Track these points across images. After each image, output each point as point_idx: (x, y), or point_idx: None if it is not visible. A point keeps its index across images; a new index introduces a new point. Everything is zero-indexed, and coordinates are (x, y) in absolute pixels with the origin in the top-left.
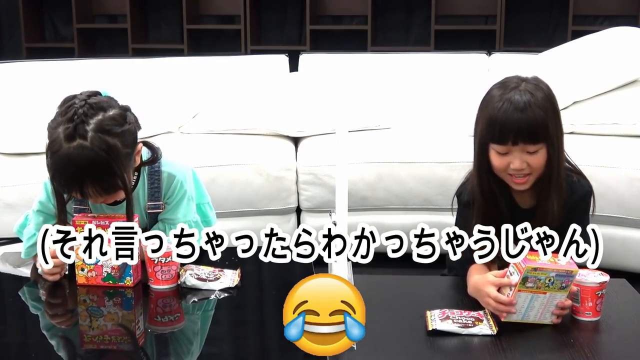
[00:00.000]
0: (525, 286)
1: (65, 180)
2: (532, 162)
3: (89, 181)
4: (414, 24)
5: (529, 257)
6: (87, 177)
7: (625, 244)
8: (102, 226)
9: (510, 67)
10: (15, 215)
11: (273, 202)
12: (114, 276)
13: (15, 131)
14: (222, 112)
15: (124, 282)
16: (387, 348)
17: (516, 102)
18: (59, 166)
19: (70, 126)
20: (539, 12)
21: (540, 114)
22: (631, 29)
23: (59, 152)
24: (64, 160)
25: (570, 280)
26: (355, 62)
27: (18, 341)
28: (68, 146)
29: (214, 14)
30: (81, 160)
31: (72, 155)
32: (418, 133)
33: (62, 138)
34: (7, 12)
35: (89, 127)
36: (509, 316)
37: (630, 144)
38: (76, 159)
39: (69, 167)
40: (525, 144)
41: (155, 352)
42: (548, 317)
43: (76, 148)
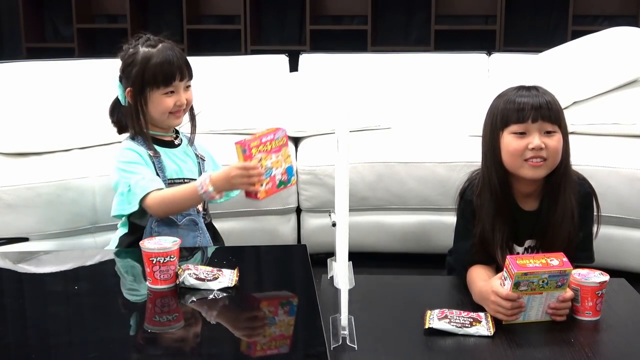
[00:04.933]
0: (519, 290)
1: (171, 63)
2: (550, 144)
3: (184, 63)
4: (414, 24)
5: (519, 262)
6: (182, 59)
7: (625, 244)
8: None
9: (510, 67)
10: (15, 215)
11: (273, 202)
12: (283, 181)
13: (15, 131)
14: (222, 112)
15: (290, 182)
16: (386, 347)
17: (531, 90)
18: (162, 54)
19: (150, 39)
20: (539, 12)
21: (555, 102)
22: (631, 29)
23: (154, 54)
24: (163, 52)
25: (566, 279)
26: (355, 62)
27: (16, 341)
28: (158, 47)
29: (214, 14)
30: (176, 50)
31: (167, 48)
32: (418, 133)
33: (148, 48)
34: (7, 12)
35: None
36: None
37: (630, 144)
38: (171, 50)
39: (169, 52)
40: (544, 121)
41: (153, 353)
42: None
43: (165, 45)
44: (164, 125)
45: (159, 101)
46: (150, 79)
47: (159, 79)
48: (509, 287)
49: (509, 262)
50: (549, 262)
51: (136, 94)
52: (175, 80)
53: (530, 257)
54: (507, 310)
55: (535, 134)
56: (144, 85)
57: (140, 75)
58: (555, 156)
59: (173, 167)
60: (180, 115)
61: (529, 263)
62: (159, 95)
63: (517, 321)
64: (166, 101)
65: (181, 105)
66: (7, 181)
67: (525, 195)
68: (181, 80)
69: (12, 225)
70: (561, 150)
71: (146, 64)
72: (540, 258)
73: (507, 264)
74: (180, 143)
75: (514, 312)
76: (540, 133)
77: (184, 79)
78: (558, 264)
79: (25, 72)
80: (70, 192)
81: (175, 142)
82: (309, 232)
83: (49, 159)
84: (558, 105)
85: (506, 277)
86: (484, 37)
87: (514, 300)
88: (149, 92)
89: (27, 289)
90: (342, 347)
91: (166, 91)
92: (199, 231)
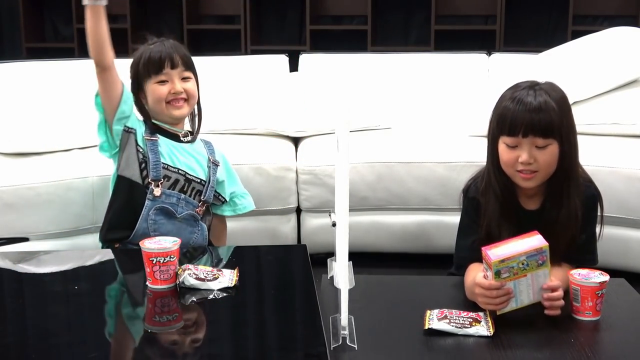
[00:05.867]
0: (502, 278)
1: (160, 52)
2: (540, 158)
3: (177, 54)
4: (414, 24)
5: (494, 251)
6: (176, 50)
7: (625, 244)
8: None
9: (510, 67)
10: (15, 215)
11: (273, 202)
12: None
13: (15, 131)
14: (222, 112)
15: None
16: (385, 347)
17: (529, 98)
18: (155, 47)
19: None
20: (539, 12)
21: (553, 110)
22: (631, 29)
23: (148, 49)
24: (157, 46)
25: (545, 255)
26: (355, 62)
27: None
28: (155, 44)
29: (214, 14)
30: (170, 42)
31: (162, 42)
32: (418, 133)
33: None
34: (7, 12)
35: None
36: (505, 307)
37: (630, 144)
38: (167, 42)
39: (164, 45)
40: (535, 137)
41: (153, 353)
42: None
43: (162, 41)
44: (166, 118)
45: (153, 90)
46: (143, 70)
47: (150, 69)
48: (491, 277)
49: (485, 254)
50: (524, 243)
51: (136, 90)
52: (164, 67)
53: (504, 243)
54: (495, 299)
55: (525, 149)
56: (140, 78)
57: (136, 70)
58: (547, 168)
59: (169, 154)
60: (181, 106)
61: (504, 250)
62: (153, 84)
63: (511, 308)
64: (160, 89)
65: (177, 93)
66: (7, 181)
67: (528, 195)
68: (172, 68)
69: (12, 225)
70: (556, 159)
71: (140, 59)
72: (513, 241)
73: (484, 255)
74: (189, 142)
75: (502, 300)
76: (531, 147)
77: (175, 68)
78: (533, 243)
79: (25, 72)
80: (70, 192)
81: (182, 138)
82: (309, 232)
83: (49, 159)
84: (556, 111)
85: (487, 269)
86: (484, 37)
87: (498, 288)
88: (145, 84)
89: (27, 289)
90: (342, 347)
91: (158, 79)
92: (197, 227)
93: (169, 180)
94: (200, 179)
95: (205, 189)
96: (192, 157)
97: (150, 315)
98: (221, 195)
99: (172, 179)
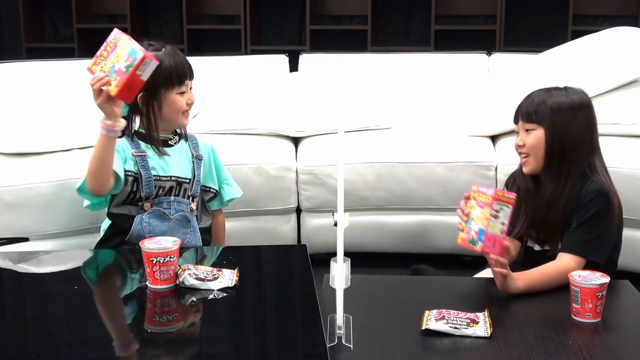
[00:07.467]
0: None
1: (182, 63)
2: (526, 141)
3: (190, 66)
4: (414, 24)
5: (476, 197)
6: (186, 59)
7: (626, 244)
8: None
9: (510, 67)
10: (15, 215)
11: (273, 202)
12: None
13: (15, 131)
14: (222, 112)
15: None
16: (382, 347)
17: (542, 90)
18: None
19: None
20: (539, 12)
21: (542, 102)
22: (631, 29)
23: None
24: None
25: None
26: (355, 62)
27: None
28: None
29: (214, 14)
30: (175, 50)
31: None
32: (418, 133)
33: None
34: (7, 12)
35: None
36: None
37: (630, 144)
38: (171, 49)
39: (177, 54)
40: (523, 121)
41: (153, 353)
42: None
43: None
44: (175, 126)
45: (174, 101)
46: (165, 81)
47: (173, 80)
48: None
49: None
50: (482, 190)
51: (149, 98)
52: (187, 79)
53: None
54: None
55: (519, 134)
56: (159, 87)
57: (154, 79)
58: (534, 151)
59: (159, 164)
60: (189, 115)
61: (478, 195)
62: (174, 96)
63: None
64: (180, 100)
65: (191, 104)
66: (7, 181)
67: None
68: (191, 79)
69: (12, 225)
70: (542, 145)
71: (159, 68)
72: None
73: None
74: (176, 143)
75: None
76: (522, 131)
77: (192, 79)
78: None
79: (25, 72)
80: (70, 192)
81: (170, 142)
82: (309, 232)
83: (49, 159)
84: (545, 103)
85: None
86: (484, 37)
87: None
88: (164, 93)
89: (27, 289)
90: (338, 346)
91: (180, 91)
92: (190, 229)
93: (163, 190)
94: (189, 178)
95: (190, 184)
96: (179, 158)
97: (150, 315)
98: (211, 188)
99: (166, 188)
